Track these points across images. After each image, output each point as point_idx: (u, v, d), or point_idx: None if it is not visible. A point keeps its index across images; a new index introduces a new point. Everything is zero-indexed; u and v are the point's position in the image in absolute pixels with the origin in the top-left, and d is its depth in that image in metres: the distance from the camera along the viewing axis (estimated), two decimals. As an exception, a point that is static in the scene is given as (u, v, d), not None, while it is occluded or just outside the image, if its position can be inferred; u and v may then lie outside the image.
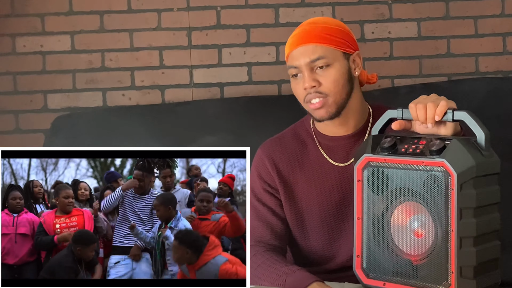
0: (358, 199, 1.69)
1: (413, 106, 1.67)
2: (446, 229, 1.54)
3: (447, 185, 1.53)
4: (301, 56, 1.89)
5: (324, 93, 1.89)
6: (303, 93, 1.91)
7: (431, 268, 1.57)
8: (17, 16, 3.05)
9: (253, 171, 2.03)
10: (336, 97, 1.89)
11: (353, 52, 1.94)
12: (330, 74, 1.89)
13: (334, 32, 1.91)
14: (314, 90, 1.88)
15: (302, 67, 1.89)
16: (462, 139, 1.57)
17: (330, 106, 1.89)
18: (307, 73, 1.89)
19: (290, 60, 1.93)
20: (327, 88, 1.88)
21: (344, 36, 1.92)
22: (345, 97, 1.91)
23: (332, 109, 1.90)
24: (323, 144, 1.99)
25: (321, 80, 1.89)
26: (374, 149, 1.67)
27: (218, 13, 3.07)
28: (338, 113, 1.91)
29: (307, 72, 1.89)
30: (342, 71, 1.90)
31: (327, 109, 1.90)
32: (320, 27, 1.92)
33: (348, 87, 1.91)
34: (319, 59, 1.88)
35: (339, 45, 1.90)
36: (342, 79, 1.90)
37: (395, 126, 1.71)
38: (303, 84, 1.89)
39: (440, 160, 1.54)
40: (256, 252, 1.91)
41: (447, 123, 1.65)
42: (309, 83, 1.88)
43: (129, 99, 3.08)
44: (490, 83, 2.91)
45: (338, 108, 1.90)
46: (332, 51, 1.89)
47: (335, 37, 1.91)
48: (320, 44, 1.89)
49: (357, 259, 1.69)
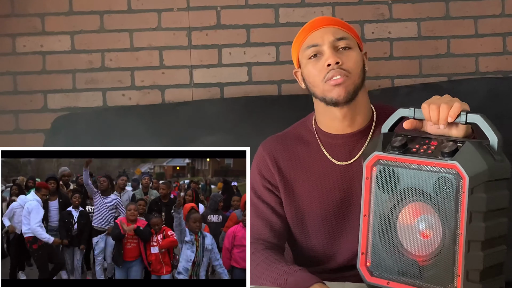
0: (365, 196, 1.68)
1: (426, 106, 1.67)
2: (455, 231, 1.53)
3: (458, 188, 1.53)
4: (325, 35, 1.93)
5: (347, 70, 1.91)
6: (325, 71, 1.92)
7: (437, 270, 1.57)
8: (17, 16, 3.05)
9: (254, 168, 2.03)
10: (355, 78, 1.92)
11: (362, 50, 1.99)
12: (352, 55, 1.93)
13: (350, 27, 2.00)
14: (338, 66, 1.90)
15: (325, 45, 1.93)
16: (475, 142, 1.56)
17: (349, 85, 1.91)
18: (331, 50, 1.92)
19: (309, 40, 1.95)
20: (350, 66, 1.92)
21: (356, 33, 2.00)
22: (360, 83, 1.94)
23: (350, 88, 1.91)
24: (325, 143, 1.99)
25: (343, 59, 1.92)
26: (384, 147, 1.66)
27: (218, 13, 3.07)
28: (352, 97, 1.93)
29: (331, 49, 1.92)
30: (360, 57, 1.96)
31: (347, 87, 1.91)
32: (338, 20, 2.01)
33: (362, 75, 1.95)
34: (343, 39, 1.93)
35: (356, 36, 1.98)
36: (361, 63, 1.95)
37: (406, 125, 1.71)
38: (325, 61, 1.91)
39: (453, 163, 1.54)
40: (255, 250, 1.90)
41: (459, 125, 1.65)
42: (334, 58, 1.90)
43: (129, 99, 3.08)
44: (490, 83, 2.91)
45: (355, 91, 1.93)
46: (352, 38, 1.96)
47: (352, 29, 1.99)
48: (343, 28, 1.96)
49: (361, 256, 1.69)
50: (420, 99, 1.76)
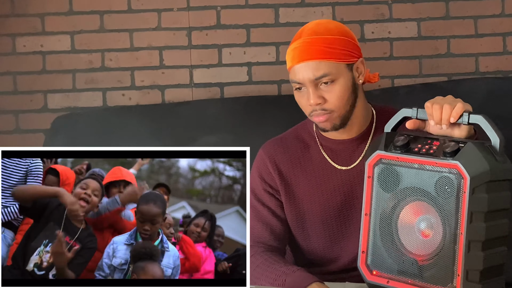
0: (367, 195, 1.68)
1: (429, 105, 1.66)
2: (455, 231, 1.53)
3: (459, 188, 1.53)
4: (304, 73, 1.86)
5: (329, 109, 1.87)
6: (309, 108, 1.89)
7: (436, 269, 1.56)
8: (17, 16, 3.05)
9: (254, 171, 2.02)
10: (341, 112, 1.89)
11: (356, 60, 1.90)
12: (335, 90, 1.86)
13: (337, 43, 1.87)
14: (320, 108, 1.87)
15: (306, 84, 1.87)
16: (477, 142, 1.56)
17: (334, 120, 1.89)
18: (312, 89, 1.86)
19: (292, 74, 1.89)
20: (332, 104, 1.87)
21: (347, 45, 1.88)
22: (349, 109, 1.90)
23: (337, 122, 1.89)
24: (326, 147, 1.98)
25: (326, 96, 1.86)
26: (387, 146, 1.66)
27: (218, 13, 3.07)
28: (343, 124, 1.91)
29: (312, 89, 1.86)
30: (346, 85, 1.88)
31: (332, 122, 1.89)
32: (321, 39, 1.86)
33: (352, 98, 1.90)
34: (324, 77, 1.85)
35: (342, 58, 1.86)
36: (347, 93, 1.88)
37: (409, 125, 1.70)
38: (307, 100, 1.87)
39: (454, 163, 1.54)
40: (254, 253, 1.90)
41: (462, 126, 1.64)
42: (314, 100, 1.86)
43: (129, 99, 3.08)
44: (490, 83, 2.91)
45: (342, 121, 1.90)
46: (336, 66, 1.86)
47: (338, 49, 1.86)
48: (323, 60, 1.85)
49: (362, 255, 1.69)
50: (420, 99, 1.76)
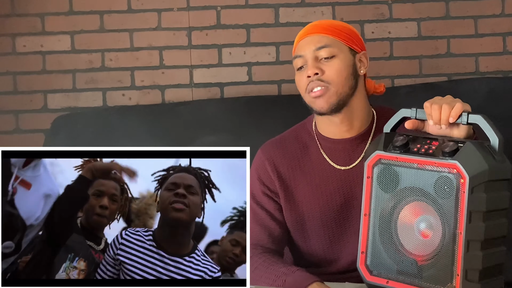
0: (366, 195, 1.68)
1: (428, 105, 1.67)
2: (454, 231, 1.53)
3: (458, 188, 1.53)
4: (306, 45, 1.91)
5: (326, 81, 1.88)
6: (306, 82, 1.90)
7: (436, 269, 1.57)
8: (17, 16, 3.05)
9: (253, 173, 2.01)
10: (338, 88, 1.88)
11: (360, 51, 1.95)
12: (334, 64, 1.89)
13: (342, 27, 1.95)
14: (317, 78, 1.88)
15: (307, 56, 1.90)
16: (475, 142, 1.56)
17: (331, 96, 1.88)
18: (311, 61, 1.89)
19: (296, 50, 1.95)
20: (330, 77, 1.88)
21: (351, 34, 1.95)
22: (348, 91, 1.90)
23: (332, 100, 1.88)
24: (325, 147, 1.98)
25: (324, 68, 1.89)
26: (386, 146, 1.67)
27: (218, 13, 3.07)
28: (339, 107, 1.90)
29: (311, 61, 1.89)
30: (346, 63, 1.90)
31: (328, 99, 1.88)
32: (328, 21, 1.97)
33: (351, 80, 1.91)
34: (325, 47, 1.89)
35: (345, 40, 1.92)
36: (346, 71, 1.90)
37: (408, 125, 1.71)
38: (306, 73, 1.90)
39: (453, 162, 1.54)
40: (253, 255, 1.89)
41: (461, 126, 1.65)
42: (312, 70, 1.88)
43: (129, 99, 3.08)
44: (490, 83, 2.91)
45: (339, 101, 1.89)
46: (338, 43, 1.91)
47: (343, 32, 1.93)
48: (327, 34, 1.91)
49: (361, 255, 1.69)
50: (420, 99, 1.76)
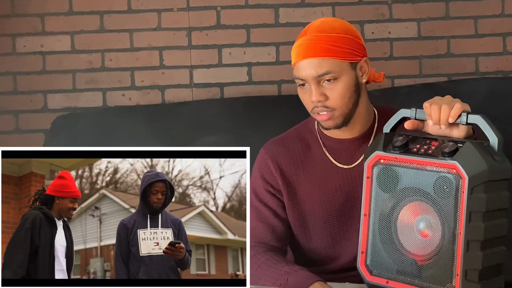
0: (366, 195, 1.69)
1: (428, 106, 1.67)
2: (454, 231, 1.54)
3: (458, 188, 1.53)
4: (307, 69, 1.87)
5: (331, 107, 1.89)
6: (311, 105, 1.91)
7: (435, 269, 1.57)
8: (17, 16, 3.05)
9: (256, 171, 2.03)
10: (343, 110, 1.90)
11: (360, 59, 1.92)
12: (337, 88, 1.87)
13: (341, 41, 1.88)
14: (321, 104, 1.88)
15: (308, 80, 1.89)
16: (475, 142, 1.57)
17: (337, 118, 1.90)
18: (314, 86, 1.88)
19: (296, 70, 1.91)
20: (334, 102, 1.88)
21: (351, 44, 1.90)
22: (352, 107, 1.91)
23: (339, 121, 1.91)
24: (328, 146, 1.99)
25: (328, 93, 1.88)
26: (385, 146, 1.67)
27: (218, 13, 3.07)
28: (345, 123, 1.92)
29: (314, 86, 1.88)
30: (349, 83, 1.89)
31: (334, 121, 1.90)
32: (326, 37, 1.88)
33: (355, 97, 1.91)
34: (326, 74, 1.87)
35: (346, 56, 1.88)
36: (349, 91, 1.89)
37: (407, 125, 1.71)
38: (310, 97, 1.89)
39: (452, 163, 1.54)
40: (256, 253, 1.90)
41: (460, 126, 1.65)
42: (316, 97, 1.87)
43: (129, 99, 3.08)
44: (490, 83, 2.91)
45: (344, 119, 1.91)
46: (339, 64, 1.87)
47: (342, 48, 1.88)
48: (327, 57, 1.86)
49: (361, 255, 1.70)
50: (420, 99, 1.77)
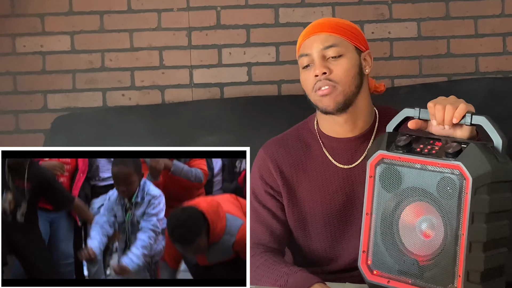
0: (368, 195, 1.68)
1: (432, 106, 1.66)
2: (456, 232, 1.53)
3: (461, 189, 1.53)
4: (313, 44, 1.90)
5: (334, 80, 1.88)
6: (313, 81, 1.90)
7: (437, 270, 1.57)
8: (17, 16, 3.05)
9: (255, 172, 2.01)
10: (345, 87, 1.89)
11: (364, 50, 1.95)
12: (342, 63, 1.89)
13: (347, 26, 1.94)
14: (325, 77, 1.88)
15: (314, 55, 1.90)
16: (479, 143, 1.56)
17: (338, 95, 1.88)
18: (319, 60, 1.89)
19: (302, 49, 1.93)
20: (338, 76, 1.88)
21: (356, 32, 1.95)
22: (354, 90, 1.90)
23: (339, 98, 1.88)
24: (328, 146, 1.98)
25: (332, 68, 1.88)
26: (389, 146, 1.66)
27: (218, 13, 3.07)
28: (345, 106, 1.90)
29: (319, 60, 1.89)
30: (353, 63, 1.90)
31: (335, 97, 1.88)
32: (334, 20, 1.97)
33: (358, 80, 1.91)
34: (332, 47, 1.89)
35: (351, 39, 1.92)
36: (353, 70, 1.90)
37: (411, 125, 1.70)
38: (313, 72, 1.89)
39: (456, 163, 1.54)
40: (254, 254, 1.89)
41: (464, 126, 1.64)
42: (320, 69, 1.88)
43: (129, 99, 3.08)
44: (490, 83, 2.91)
45: (345, 100, 1.89)
46: (345, 43, 1.91)
47: (348, 30, 1.93)
48: (334, 34, 1.91)
49: (362, 254, 1.69)
50: (420, 99, 1.77)
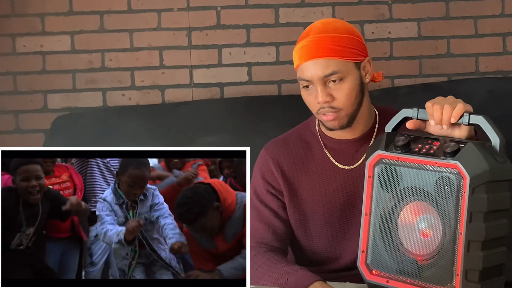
0: (367, 195, 1.69)
1: (430, 106, 1.67)
2: (455, 231, 1.54)
3: (459, 188, 1.53)
4: (313, 70, 1.85)
5: (337, 107, 1.87)
6: (316, 106, 1.89)
7: (436, 269, 1.57)
8: (17, 16, 3.05)
9: (257, 172, 2.02)
10: (349, 110, 1.89)
11: (363, 59, 1.91)
12: (344, 88, 1.86)
13: (345, 42, 1.87)
14: (328, 105, 1.87)
15: (314, 81, 1.87)
16: (477, 143, 1.56)
17: (342, 119, 1.89)
18: (320, 87, 1.86)
19: (300, 72, 1.89)
20: (341, 102, 1.87)
21: (354, 44, 1.89)
22: (357, 108, 1.90)
23: (344, 121, 1.90)
24: (329, 147, 1.99)
25: (334, 94, 1.86)
26: (387, 146, 1.67)
27: (218, 13, 3.07)
28: (350, 123, 1.91)
29: (320, 87, 1.86)
30: (355, 83, 1.88)
31: (340, 121, 1.89)
32: (330, 37, 1.87)
33: (359, 97, 1.90)
34: (333, 74, 1.85)
35: (350, 56, 1.87)
36: (355, 91, 1.88)
37: (409, 125, 1.71)
38: (315, 98, 1.87)
39: (454, 162, 1.54)
40: (256, 253, 1.90)
41: (462, 126, 1.65)
42: (323, 98, 1.86)
43: (129, 99, 3.08)
44: (490, 83, 2.91)
45: (349, 119, 1.90)
46: (345, 64, 1.86)
47: (347, 48, 1.87)
48: (332, 57, 1.85)
49: (361, 254, 1.70)
50: (420, 99, 1.77)
